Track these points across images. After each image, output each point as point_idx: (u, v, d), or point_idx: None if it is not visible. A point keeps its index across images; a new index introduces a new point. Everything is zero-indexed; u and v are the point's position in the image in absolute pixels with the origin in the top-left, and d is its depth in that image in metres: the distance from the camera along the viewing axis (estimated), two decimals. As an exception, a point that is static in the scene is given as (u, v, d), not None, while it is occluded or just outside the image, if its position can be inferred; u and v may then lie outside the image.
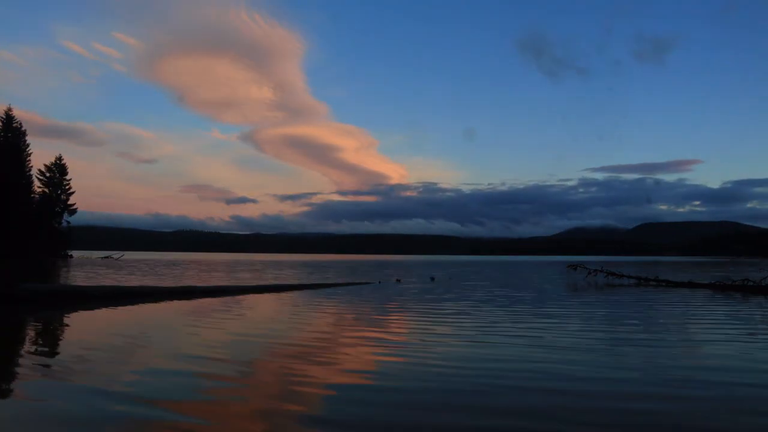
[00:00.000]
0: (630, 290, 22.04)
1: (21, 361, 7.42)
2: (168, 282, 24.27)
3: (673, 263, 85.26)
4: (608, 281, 27.78)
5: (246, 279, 28.14)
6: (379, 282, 26.23)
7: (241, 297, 17.40)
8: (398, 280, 27.82)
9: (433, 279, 29.44)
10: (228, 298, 16.88)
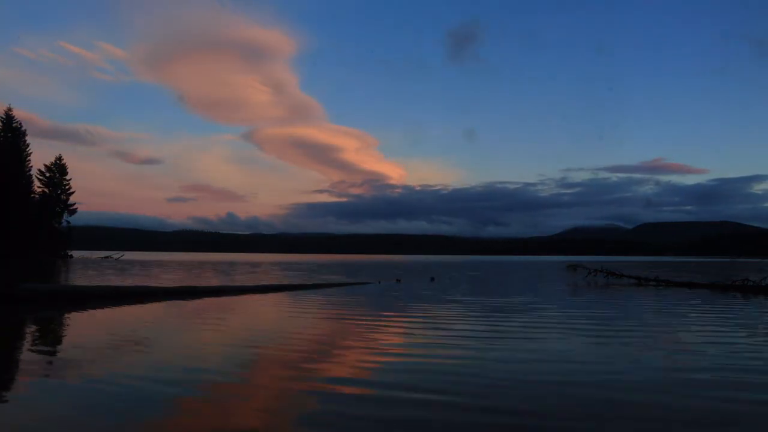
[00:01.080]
0: (630, 290, 22.03)
1: (21, 361, 7.43)
2: (167, 282, 24.27)
3: (673, 263, 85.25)
4: (608, 281, 27.78)
5: (245, 280, 28.15)
6: (379, 282, 26.24)
7: (241, 297, 17.40)
8: (398, 280, 27.83)
9: (432, 279, 29.46)
10: (228, 298, 16.88)
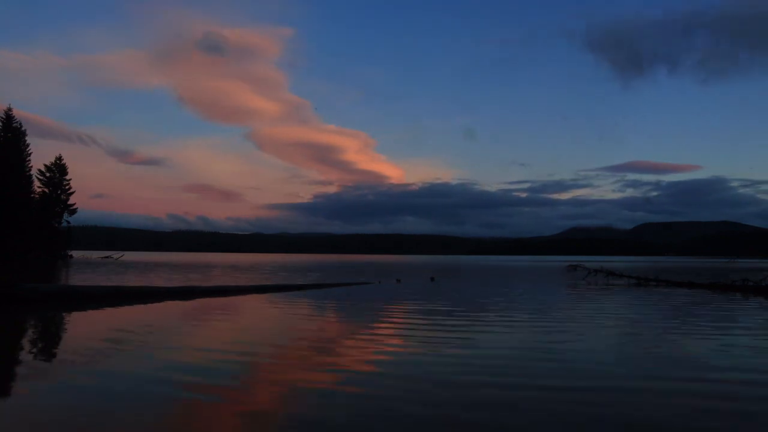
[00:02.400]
0: (630, 290, 22.03)
1: (20, 361, 7.44)
2: (167, 282, 24.27)
3: (673, 264, 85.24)
4: (608, 281, 27.79)
5: (244, 281, 28.15)
6: (379, 282, 26.24)
7: (240, 297, 17.40)
8: (398, 281, 27.83)
9: (432, 279, 29.46)
10: (227, 299, 16.88)
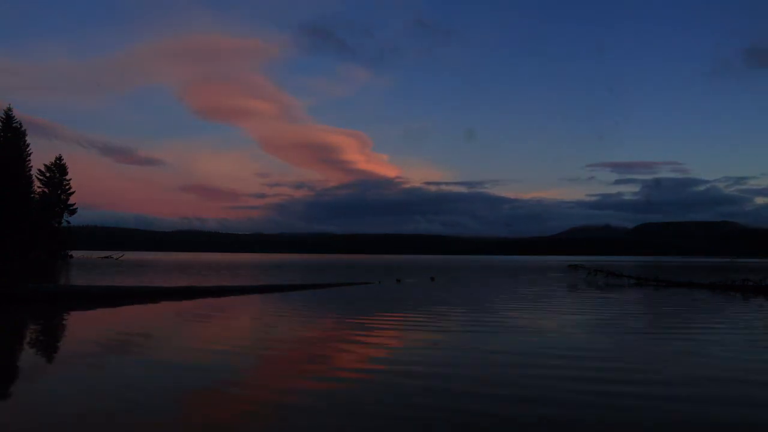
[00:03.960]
0: (630, 290, 22.03)
1: (20, 361, 7.44)
2: (167, 282, 24.27)
3: (673, 264, 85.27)
4: (608, 281, 27.82)
5: (243, 281, 28.16)
6: (379, 282, 26.26)
7: (240, 297, 17.40)
8: (398, 281, 27.85)
9: (433, 279, 29.48)
10: (227, 299, 16.88)
